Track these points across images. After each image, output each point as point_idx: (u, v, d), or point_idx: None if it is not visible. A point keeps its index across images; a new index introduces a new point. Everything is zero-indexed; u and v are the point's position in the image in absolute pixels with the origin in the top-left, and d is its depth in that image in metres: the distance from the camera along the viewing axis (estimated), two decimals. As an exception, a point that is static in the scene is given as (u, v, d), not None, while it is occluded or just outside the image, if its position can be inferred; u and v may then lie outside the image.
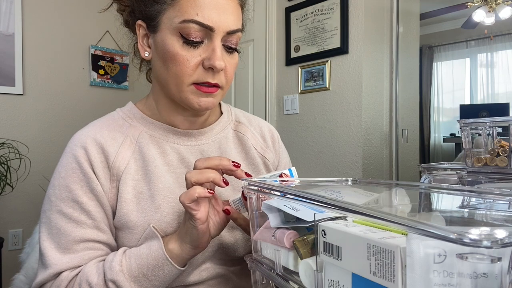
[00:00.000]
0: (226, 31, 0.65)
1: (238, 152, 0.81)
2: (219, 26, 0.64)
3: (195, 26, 0.63)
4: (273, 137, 0.88)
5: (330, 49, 2.20)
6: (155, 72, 0.71)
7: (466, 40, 4.96)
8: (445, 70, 5.22)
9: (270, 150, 0.86)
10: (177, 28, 0.64)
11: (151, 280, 0.61)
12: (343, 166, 2.16)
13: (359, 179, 0.69)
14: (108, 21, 2.79)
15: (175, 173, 0.72)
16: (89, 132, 0.70)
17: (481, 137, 0.92)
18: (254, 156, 0.81)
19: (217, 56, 0.64)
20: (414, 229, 0.29)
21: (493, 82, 4.84)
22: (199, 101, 0.68)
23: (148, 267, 0.61)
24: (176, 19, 0.64)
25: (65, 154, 0.69)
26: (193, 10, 0.63)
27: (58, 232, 0.65)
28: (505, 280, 0.26)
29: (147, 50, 0.71)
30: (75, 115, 2.68)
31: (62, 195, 0.66)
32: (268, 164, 0.83)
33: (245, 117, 0.88)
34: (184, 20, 0.63)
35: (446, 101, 5.18)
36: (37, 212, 0.96)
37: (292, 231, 0.48)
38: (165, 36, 0.65)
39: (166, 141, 0.74)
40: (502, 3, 3.55)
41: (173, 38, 0.64)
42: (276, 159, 0.87)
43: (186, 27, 0.63)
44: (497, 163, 0.86)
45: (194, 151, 0.76)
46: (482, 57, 4.94)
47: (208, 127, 0.79)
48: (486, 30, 4.21)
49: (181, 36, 0.64)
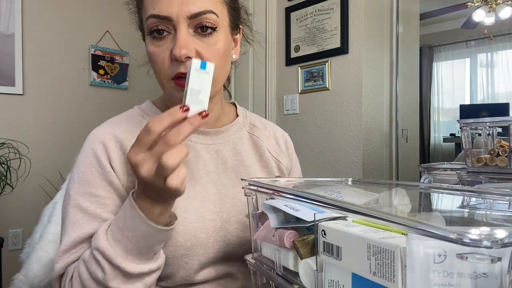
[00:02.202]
0: (186, 16, 0.62)
1: (252, 154, 0.81)
2: (177, 14, 0.62)
3: (154, 20, 0.63)
4: (286, 143, 0.89)
5: (330, 49, 2.20)
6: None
7: (466, 40, 4.95)
8: (445, 70, 5.22)
9: (284, 155, 0.86)
10: (146, 27, 0.65)
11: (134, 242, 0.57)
12: (343, 166, 2.16)
13: (359, 179, 0.69)
14: (108, 21, 2.79)
15: (190, 169, 0.72)
16: (107, 128, 0.71)
17: (481, 137, 0.92)
18: (268, 159, 0.82)
19: (177, 44, 0.61)
20: (414, 229, 0.29)
21: (493, 82, 4.84)
22: (180, 96, 0.67)
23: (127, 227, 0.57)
24: (144, 19, 0.66)
25: (83, 150, 0.70)
26: (151, 5, 0.63)
27: (73, 226, 0.64)
28: (505, 280, 0.26)
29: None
30: (75, 115, 2.68)
31: (81, 189, 0.66)
32: (282, 168, 0.84)
33: (260, 121, 0.88)
34: (146, 17, 0.64)
35: (446, 101, 5.18)
36: (37, 212, 0.96)
37: (292, 231, 0.48)
38: (146, 37, 0.67)
39: None
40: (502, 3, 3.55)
41: (147, 37, 0.66)
42: (289, 164, 0.87)
43: (149, 24, 0.64)
44: (497, 163, 0.86)
45: (210, 150, 0.76)
46: (482, 57, 4.94)
47: (223, 127, 0.79)
48: (486, 30, 4.21)
49: (150, 33, 0.65)
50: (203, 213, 0.70)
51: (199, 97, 0.54)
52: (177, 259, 0.67)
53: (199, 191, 0.72)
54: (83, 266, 0.60)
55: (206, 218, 0.70)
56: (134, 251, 0.57)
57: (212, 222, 0.70)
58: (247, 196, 0.57)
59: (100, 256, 0.57)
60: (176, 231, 0.66)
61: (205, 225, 0.69)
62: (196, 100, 0.53)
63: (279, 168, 0.83)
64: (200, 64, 0.54)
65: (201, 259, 0.68)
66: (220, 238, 0.70)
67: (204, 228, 0.69)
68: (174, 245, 0.66)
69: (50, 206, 0.92)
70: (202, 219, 0.69)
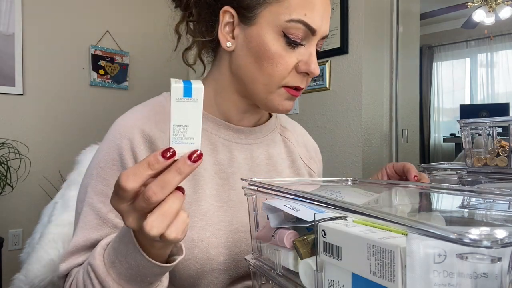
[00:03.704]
0: (323, 36, 0.63)
1: (285, 158, 0.77)
2: (320, 30, 0.61)
3: (301, 27, 0.59)
4: (315, 149, 0.86)
5: (330, 49, 2.20)
6: (237, 66, 0.65)
7: (466, 40, 4.95)
8: (445, 70, 5.22)
9: (314, 161, 0.83)
10: (281, 26, 0.59)
11: (128, 268, 0.49)
12: (343, 166, 2.16)
13: (359, 179, 0.69)
14: (108, 21, 2.79)
15: (225, 173, 0.68)
16: (136, 121, 0.64)
17: (481, 137, 0.92)
18: (300, 166, 0.78)
19: (314, 61, 0.61)
20: (414, 229, 0.29)
21: (493, 82, 4.84)
22: (283, 104, 0.65)
23: (122, 253, 0.49)
24: (282, 16, 0.59)
25: (107, 141, 0.63)
26: (302, 10, 0.59)
27: (84, 227, 0.61)
28: (505, 280, 0.26)
29: (230, 40, 0.64)
30: (75, 115, 2.67)
31: (98, 187, 0.62)
32: (313, 176, 0.80)
33: (289, 123, 0.84)
34: (292, 19, 0.59)
35: (446, 101, 5.18)
36: (37, 212, 0.96)
37: (292, 231, 0.48)
38: (264, 32, 0.60)
39: (218, 136, 0.69)
40: (502, 3, 3.55)
41: (275, 36, 0.60)
42: (319, 171, 0.85)
43: (292, 27, 0.59)
44: (497, 163, 0.86)
45: (244, 150, 0.71)
46: (482, 57, 4.94)
47: (257, 127, 0.74)
48: (486, 30, 4.21)
49: (284, 35, 0.60)
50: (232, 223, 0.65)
51: (187, 134, 0.41)
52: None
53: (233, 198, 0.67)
54: (81, 275, 0.56)
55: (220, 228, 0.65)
56: (127, 277, 0.50)
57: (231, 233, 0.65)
58: (247, 196, 0.57)
59: (93, 274, 0.52)
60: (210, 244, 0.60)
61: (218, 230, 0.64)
62: (184, 139, 0.41)
63: (310, 176, 0.80)
64: (183, 91, 0.39)
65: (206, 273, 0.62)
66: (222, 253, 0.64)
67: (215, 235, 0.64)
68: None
69: (50, 206, 0.92)
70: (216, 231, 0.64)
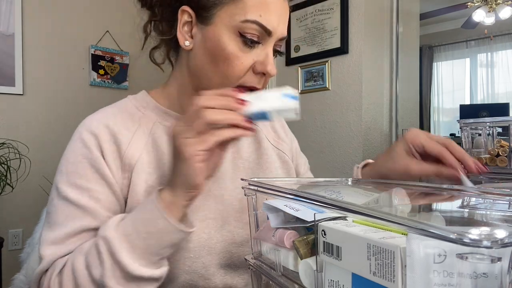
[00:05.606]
0: (280, 37, 0.63)
1: (250, 142, 0.78)
2: (277, 31, 0.62)
3: (256, 28, 0.60)
4: (283, 127, 0.87)
5: (330, 49, 2.20)
6: (194, 65, 0.66)
7: (466, 40, 4.96)
8: (445, 70, 5.22)
9: (284, 141, 0.83)
10: (237, 26, 0.60)
11: (145, 238, 0.53)
12: (343, 166, 2.16)
13: (359, 179, 0.69)
14: (108, 21, 2.79)
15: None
16: (101, 118, 0.66)
17: (481, 137, 0.92)
18: (267, 147, 0.79)
19: (271, 62, 0.62)
20: (414, 229, 0.29)
21: (493, 82, 4.84)
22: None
23: (142, 221, 0.54)
24: (237, 16, 0.60)
25: (73, 139, 0.65)
26: (257, 11, 0.60)
27: (66, 219, 0.60)
28: (505, 280, 0.26)
29: (189, 39, 0.65)
30: (75, 115, 2.67)
31: (70, 181, 0.61)
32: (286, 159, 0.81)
33: None
34: (247, 19, 0.60)
35: (446, 101, 5.18)
36: (37, 212, 0.96)
37: (292, 231, 0.48)
38: (221, 31, 0.61)
39: None
40: (502, 3, 3.56)
41: (231, 36, 0.61)
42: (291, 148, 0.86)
43: (247, 27, 0.60)
44: (497, 163, 0.86)
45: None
46: (482, 57, 4.94)
47: None
48: (486, 30, 4.21)
49: (240, 35, 0.61)
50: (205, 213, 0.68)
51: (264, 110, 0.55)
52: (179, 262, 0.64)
53: (214, 193, 0.70)
54: (81, 258, 0.55)
55: (208, 218, 0.68)
56: (141, 249, 0.53)
57: (214, 221, 0.68)
58: (247, 196, 0.56)
59: (104, 247, 0.53)
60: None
61: (207, 224, 0.67)
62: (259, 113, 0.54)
63: (280, 158, 0.80)
64: (292, 95, 0.55)
65: (205, 261, 0.65)
66: (222, 238, 0.68)
67: (206, 228, 0.67)
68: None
69: (50, 206, 0.92)
70: (205, 218, 0.67)
